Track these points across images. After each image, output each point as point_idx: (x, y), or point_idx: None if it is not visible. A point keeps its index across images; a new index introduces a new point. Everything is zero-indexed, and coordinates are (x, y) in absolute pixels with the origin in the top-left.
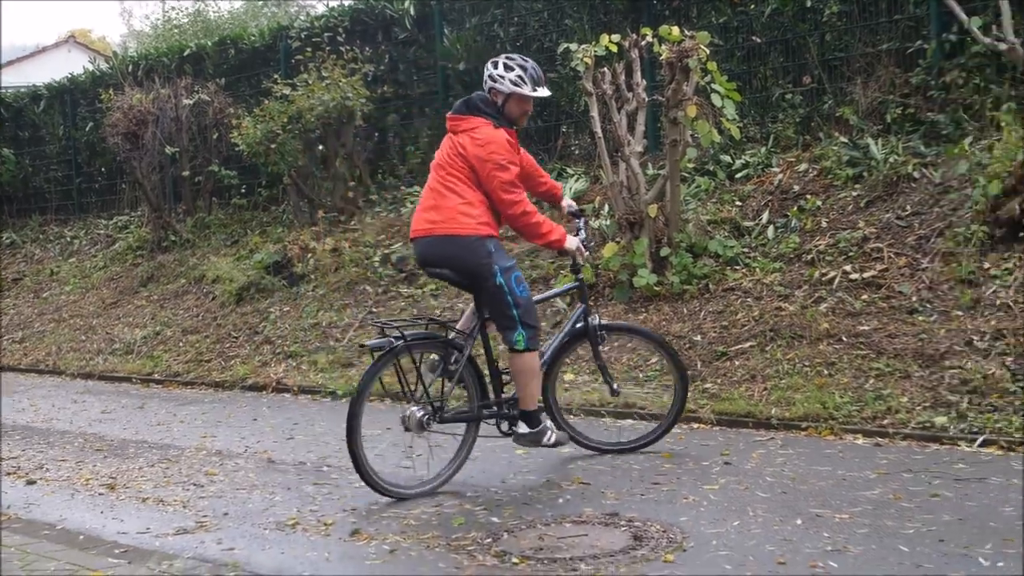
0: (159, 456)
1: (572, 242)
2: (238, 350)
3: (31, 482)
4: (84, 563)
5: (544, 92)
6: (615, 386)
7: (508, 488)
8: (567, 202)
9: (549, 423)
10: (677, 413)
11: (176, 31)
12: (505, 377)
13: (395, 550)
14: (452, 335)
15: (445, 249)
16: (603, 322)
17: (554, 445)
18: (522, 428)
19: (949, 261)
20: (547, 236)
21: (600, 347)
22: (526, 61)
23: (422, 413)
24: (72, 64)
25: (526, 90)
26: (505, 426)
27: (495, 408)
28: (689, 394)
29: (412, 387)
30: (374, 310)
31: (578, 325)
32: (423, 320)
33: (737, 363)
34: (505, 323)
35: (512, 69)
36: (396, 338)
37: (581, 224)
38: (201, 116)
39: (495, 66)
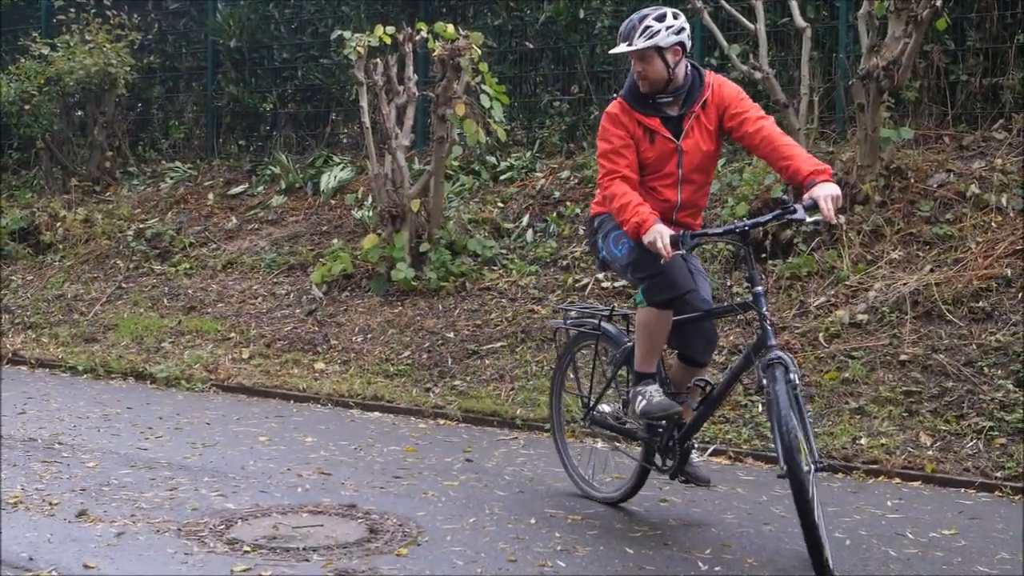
0: None
1: (652, 235)
2: None
3: None
4: None
5: (620, 48)
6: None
7: (247, 475)
8: (809, 195)
9: (649, 390)
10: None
11: None
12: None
13: (122, 533)
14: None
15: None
16: (781, 363)
17: (640, 414)
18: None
19: None
20: (623, 225)
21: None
22: (631, 17)
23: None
24: None
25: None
26: (660, 460)
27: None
28: (437, 389)
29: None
30: (124, 285)
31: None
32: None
33: (487, 362)
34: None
35: None
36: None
37: (764, 218)
38: None
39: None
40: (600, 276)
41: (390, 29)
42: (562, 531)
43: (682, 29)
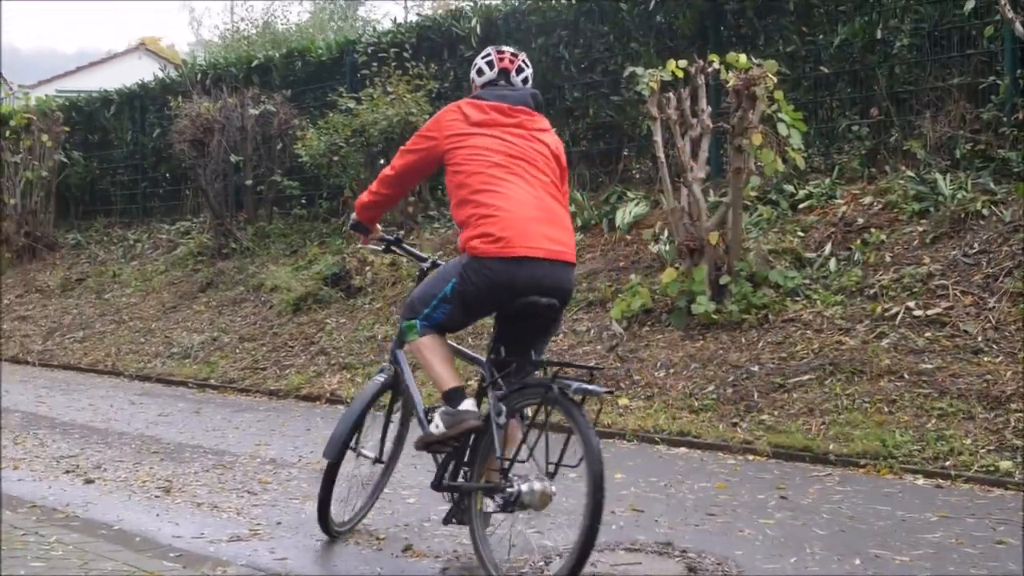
0: (214, 461)
1: None
2: (293, 359)
3: (89, 481)
4: (140, 565)
5: None
6: None
7: (560, 511)
8: None
9: None
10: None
11: (244, 42)
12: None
13: (447, 568)
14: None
15: (570, 280)
16: None
17: None
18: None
19: (1017, 302)
20: None
21: None
22: None
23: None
24: (142, 71)
25: None
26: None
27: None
28: (744, 424)
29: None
30: None
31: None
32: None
33: (795, 395)
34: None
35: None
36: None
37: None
38: (266, 126)
39: (528, 64)
40: (911, 305)
41: (682, 62)
42: (891, 572)
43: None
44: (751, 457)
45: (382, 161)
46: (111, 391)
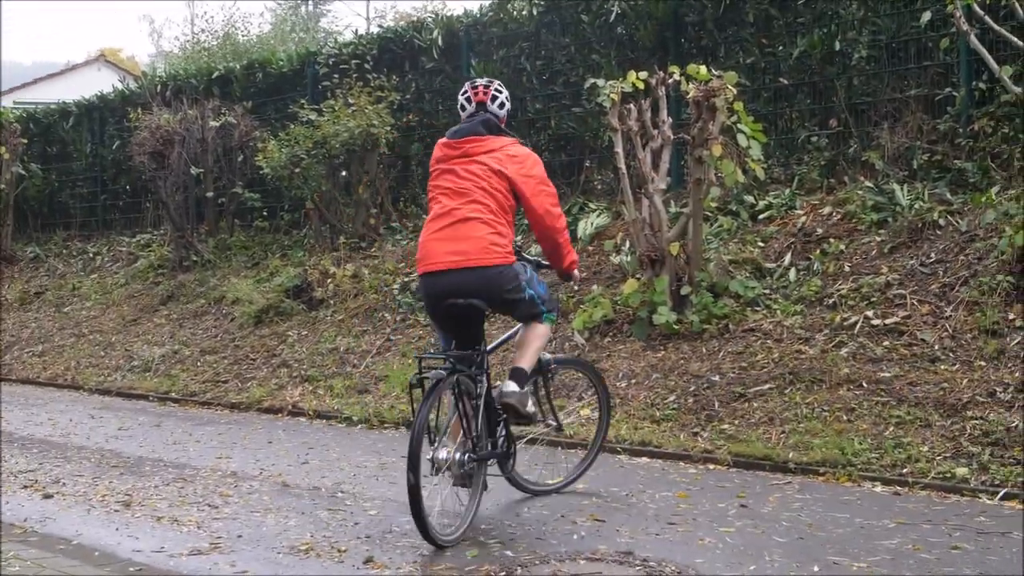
0: (175, 475)
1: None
2: (255, 372)
3: (48, 496)
4: None
5: None
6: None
7: (522, 522)
8: None
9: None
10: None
11: (205, 53)
12: None
13: None
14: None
15: (479, 281)
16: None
17: (532, 415)
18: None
19: (973, 310)
20: (569, 256)
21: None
22: None
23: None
24: (102, 82)
25: None
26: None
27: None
28: (705, 434)
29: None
30: (392, 337)
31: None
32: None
33: (755, 405)
34: (533, 318)
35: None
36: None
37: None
38: (227, 138)
39: (502, 89)
40: (869, 314)
41: (642, 74)
42: None
43: None
44: (712, 466)
45: (344, 173)
46: (70, 405)
